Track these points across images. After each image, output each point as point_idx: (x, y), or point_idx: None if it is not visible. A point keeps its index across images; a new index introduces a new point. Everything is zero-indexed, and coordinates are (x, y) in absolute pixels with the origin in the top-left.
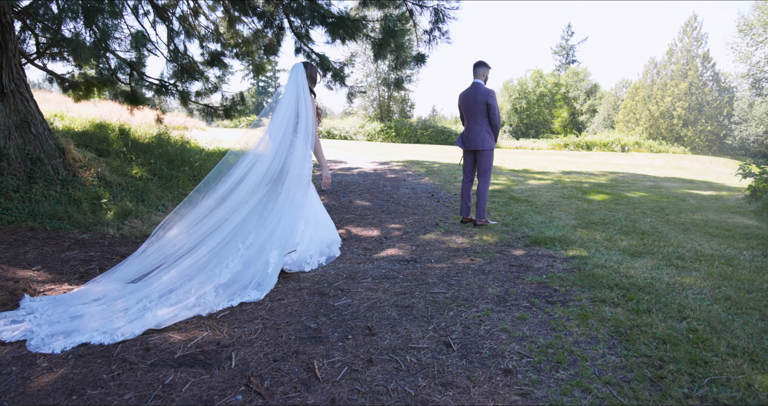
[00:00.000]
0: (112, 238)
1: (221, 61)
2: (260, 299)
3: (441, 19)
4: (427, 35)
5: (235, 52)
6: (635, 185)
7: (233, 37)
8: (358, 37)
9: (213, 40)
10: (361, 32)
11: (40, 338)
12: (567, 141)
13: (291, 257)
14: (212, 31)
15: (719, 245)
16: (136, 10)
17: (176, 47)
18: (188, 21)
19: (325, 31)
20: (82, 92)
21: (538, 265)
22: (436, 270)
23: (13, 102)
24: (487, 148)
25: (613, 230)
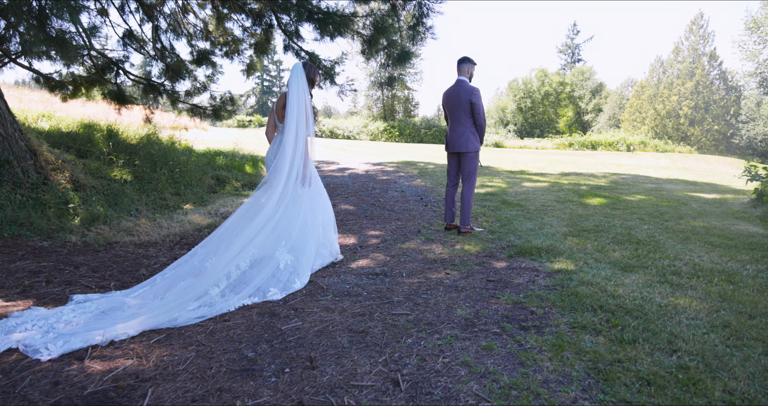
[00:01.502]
0: (73, 246)
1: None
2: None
3: (425, 14)
4: (411, 31)
5: (225, 51)
6: (635, 188)
7: (222, 35)
8: (347, 34)
9: (202, 38)
10: (350, 28)
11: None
12: (572, 140)
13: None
14: (201, 30)
15: (720, 257)
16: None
17: (163, 45)
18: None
19: (313, 28)
20: (69, 92)
21: (518, 280)
22: (405, 286)
23: None
24: (472, 150)
25: (607, 239)
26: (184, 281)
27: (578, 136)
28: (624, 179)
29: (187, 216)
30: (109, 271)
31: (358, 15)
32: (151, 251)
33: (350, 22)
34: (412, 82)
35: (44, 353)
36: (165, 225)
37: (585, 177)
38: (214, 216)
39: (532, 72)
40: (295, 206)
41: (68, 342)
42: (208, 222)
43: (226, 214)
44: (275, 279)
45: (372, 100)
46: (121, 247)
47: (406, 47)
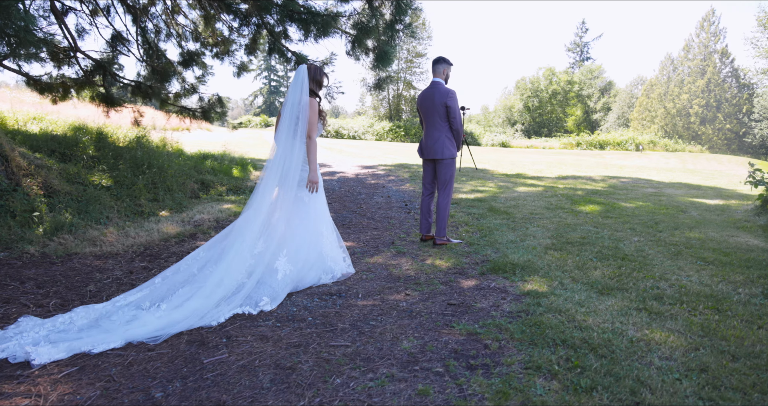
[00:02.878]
0: (29, 257)
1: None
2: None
3: (403, 11)
4: (389, 30)
5: (216, 52)
6: (634, 192)
7: (212, 36)
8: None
9: (192, 39)
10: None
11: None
12: (579, 140)
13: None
14: (191, 31)
15: (711, 277)
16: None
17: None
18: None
19: (297, 29)
20: (59, 94)
21: (481, 304)
22: (356, 310)
23: None
24: (447, 157)
25: (591, 253)
26: (183, 288)
27: (586, 136)
28: (623, 183)
29: (158, 224)
30: (55, 287)
31: (341, 15)
32: (109, 264)
33: (333, 23)
34: (418, 82)
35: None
36: (132, 234)
37: (583, 181)
38: (186, 224)
39: (540, 71)
40: (298, 214)
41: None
42: (178, 231)
43: (199, 222)
44: (270, 289)
45: (378, 100)
46: (79, 259)
47: (385, 47)
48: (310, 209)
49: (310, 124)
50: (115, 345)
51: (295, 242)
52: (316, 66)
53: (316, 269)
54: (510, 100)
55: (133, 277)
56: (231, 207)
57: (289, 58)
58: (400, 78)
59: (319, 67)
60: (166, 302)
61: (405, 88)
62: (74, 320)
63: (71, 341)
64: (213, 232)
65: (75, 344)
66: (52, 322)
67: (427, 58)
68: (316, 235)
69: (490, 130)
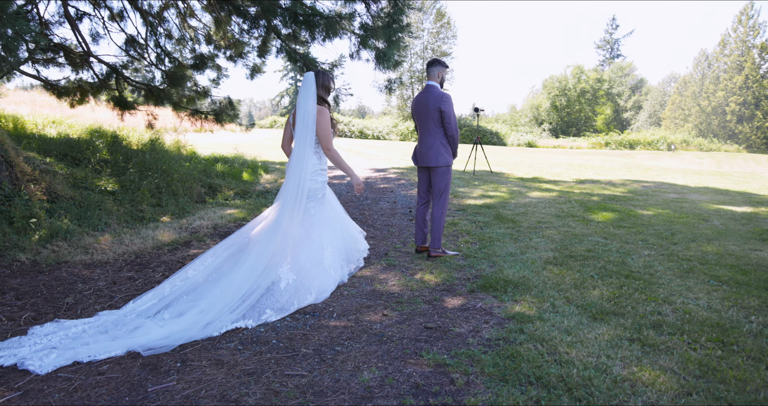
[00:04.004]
0: (20, 266)
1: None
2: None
3: (400, 11)
4: (387, 30)
5: (229, 55)
6: (654, 199)
7: (223, 38)
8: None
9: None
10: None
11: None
12: (608, 139)
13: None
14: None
15: (722, 300)
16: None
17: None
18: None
19: (302, 30)
20: (77, 98)
21: (460, 329)
22: (325, 332)
23: None
24: (442, 165)
25: (593, 269)
26: (187, 296)
27: (615, 135)
28: (644, 188)
29: (155, 231)
30: (33, 299)
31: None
32: (96, 273)
33: (337, 24)
34: None
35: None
36: (126, 241)
37: (601, 185)
38: (183, 231)
39: (568, 69)
40: (304, 224)
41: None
42: (173, 238)
43: (197, 228)
44: (273, 299)
45: (402, 100)
46: (68, 267)
47: (383, 48)
48: (315, 219)
49: (325, 134)
50: (117, 353)
51: (296, 252)
52: (324, 71)
53: (319, 279)
54: (537, 99)
55: (115, 288)
56: (234, 213)
57: (297, 60)
58: (424, 78)
59: (326, 72)
60: (169, 311)
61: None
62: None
63: (77, 349)
64: (208, 239)
65: (80, 350)
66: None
67: (452, 58)
68: (318, 246)
69: (517, 130)
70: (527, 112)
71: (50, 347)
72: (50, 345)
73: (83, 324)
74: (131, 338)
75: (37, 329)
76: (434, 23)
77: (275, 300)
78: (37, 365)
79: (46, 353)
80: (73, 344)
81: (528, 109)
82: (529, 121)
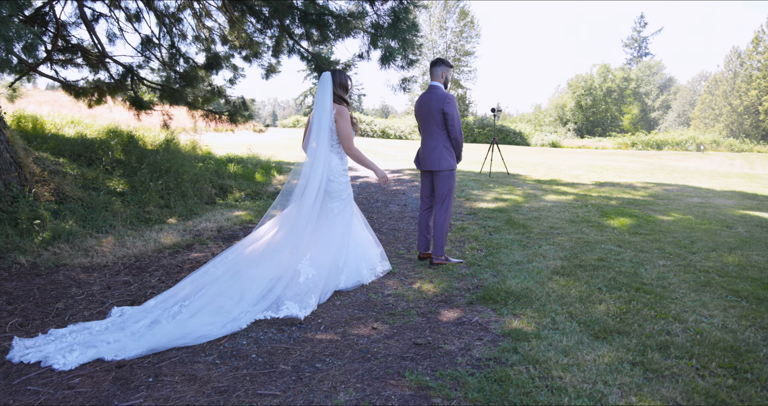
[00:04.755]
0: (19, 268)
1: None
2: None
3: (405, 10)
4: (392, 29)
5: (245, 55)
6: (676, 203)
7: (238, 38)
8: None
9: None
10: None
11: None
12: (635, 139)
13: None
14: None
15: (739, 318)
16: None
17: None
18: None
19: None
20: (94, 98)
21: (450, 346)
22: (308, 347)
23: None
24: (445, 169)
25: (602, 280)
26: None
27: (642, 135)
28: (666, 192)
29: (159, 233)
30: (24, 304)
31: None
32: (93, 277)
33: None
34: (466, 81)
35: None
36: (128, 244)
37: (621, 188)
38: (187, 234)
39: (594, 68)
40: (327, 223)
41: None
42: (175, 241)
43: (201, 231)
44: (292, 293)
45: None
46: (66, 270)
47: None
48: (338, 219)
49: (346, 134)
50: (138, 353)
51: (318, 249)
52: (340, 70)
53: (337, 276)
54: (562, 98)
55: (108, 293)
56: (242, 214)
57: (310, 60)
58: None
59: (342, 71)
60: (186, 308)
61: (453, 87)
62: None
63: (99, 347)
64: (211, 242)
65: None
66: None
67: (476, 57)
68: (341, 245)
69: (541, 130)
70: (552, 112)
71: (75, 343)
72: (74, 343)
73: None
74: (153, 336)
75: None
76: (457, 22)
77: (294, 294)
78: (61, 363)
79: (68, 350)
80: (95, 342)
81: (552, 108)
82: (553, 120)
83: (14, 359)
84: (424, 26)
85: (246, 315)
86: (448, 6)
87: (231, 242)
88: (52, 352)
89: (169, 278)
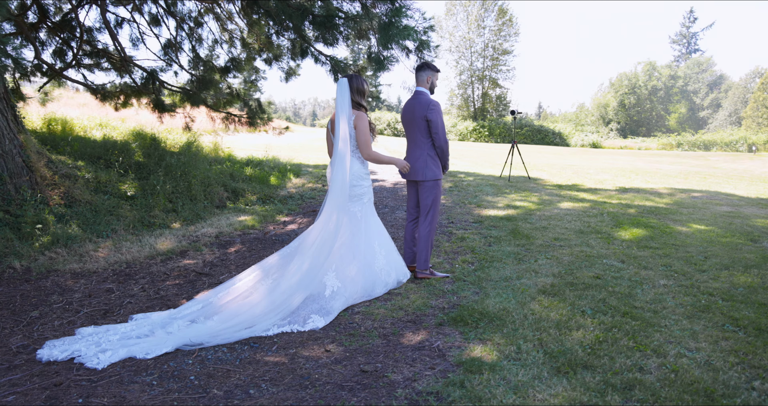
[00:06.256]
0: (12, 273)
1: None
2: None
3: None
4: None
5: (265, 57)
6: (701, 212)
7: (257, 41)
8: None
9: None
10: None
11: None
12: (680, 140)
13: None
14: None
15: (729, 354)
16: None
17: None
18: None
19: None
20: (120, 101)
21: (397, 375)
22: (251, 368)
23: None
24: (429, 179)
25: (590, 301)
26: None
27: (688, 136)
28: (694, 199)
29: (157, 239)
30: (2, 311)
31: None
32: (78, 284)
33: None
34: (504, 80)
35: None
36: (124, 250)
37: (645, 195)
38: (184, 240)
39: (638, 66)
40: (350, 229)
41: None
42: (169, 247)
43: (199, 237)
44: (317, 306)
45: (463, 99)
46: (55, 276)
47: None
48: (362, 224)
49: (364, 139)
50: (167, 349)
51: (344, 258)
52: (357, 75)
53: (368, 284)
54: (605, 97)
55: (85, 302)
56: (246, 220)
57: (324, 63)
58: (486, 76)
59: (359, 75)
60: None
61: (490, 86)
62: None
63: (130, 347)
64: (206, 249)
65: (133, 348)
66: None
67: (514, 56)
68: (368, 251)
69: (581, 130)
70: (594, 111)
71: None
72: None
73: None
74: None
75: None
76: (496, 21)
77: (319, 307)
78: (95, 361)
79: (101, 350)
80: (127, 342)
81: (595, 107)
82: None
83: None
84: (462, 25)
85: (274, 328)
86: (486, 5)
87: (226, 249)
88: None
89: (152, 287)
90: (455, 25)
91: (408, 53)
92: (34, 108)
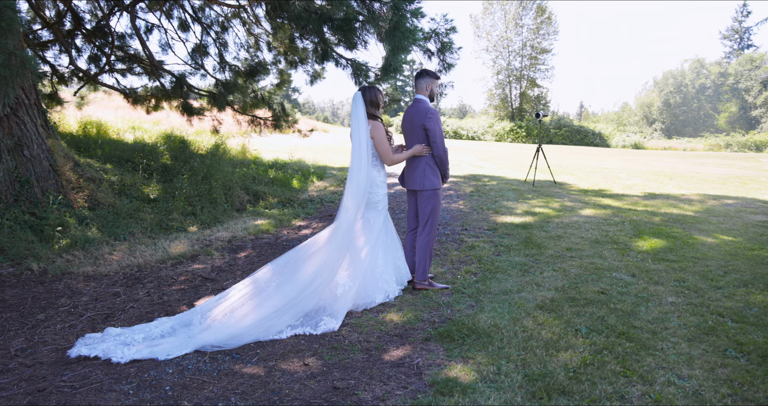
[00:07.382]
0: (29, 275)
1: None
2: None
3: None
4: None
5: (290, 60)
6: (731, 222)
7: (281, 45)
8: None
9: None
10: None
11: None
12: (729, 140)
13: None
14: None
15: (723, 383)
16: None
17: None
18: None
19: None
20: (151, 105)
21: (367, 394)
22: (226, 381)
23: (8, 126)
24: (428, 188)
25: (587, 319)
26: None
27: (738, 136)
28: (726, 207)
29: (172, 242)
30: (10, 313)
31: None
32: (88, 287)
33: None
34: (542, 79)
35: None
36: (138, 253)
37: (673, 202)
38: (197, 244)
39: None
40: (364, 233)
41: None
42: (182, 251)
43: (212, 241)
44: (329, 307)
45: (501, 100)
46: (68, 279)
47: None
48: (374, 229)
49: (384, 149)
50: (187, 351)
51: (356, 260)
52: (370, 87)
53: (372, 289)
54: (649, 96)
55: (90, 306)
56: (262, 223)
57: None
58: (524, 76)
59: (373, 87)
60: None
61: (528, 86)
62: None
63: (153, 348)
64: (216, 253)
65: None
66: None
67: (553, 55)
68: (374, 256)
69: (623, 130)
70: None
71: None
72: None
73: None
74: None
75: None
76: (534, 19)
77: (330, 307)
78: (119, 355)
79: (126, 346)
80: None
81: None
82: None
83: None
84: (499, 24)
85: (288, 329)
86: (524, 3)
87: (236, 254)
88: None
89: (158, 292)
90: (492, 24)
91: (430, 56)
92: (71, 111)
